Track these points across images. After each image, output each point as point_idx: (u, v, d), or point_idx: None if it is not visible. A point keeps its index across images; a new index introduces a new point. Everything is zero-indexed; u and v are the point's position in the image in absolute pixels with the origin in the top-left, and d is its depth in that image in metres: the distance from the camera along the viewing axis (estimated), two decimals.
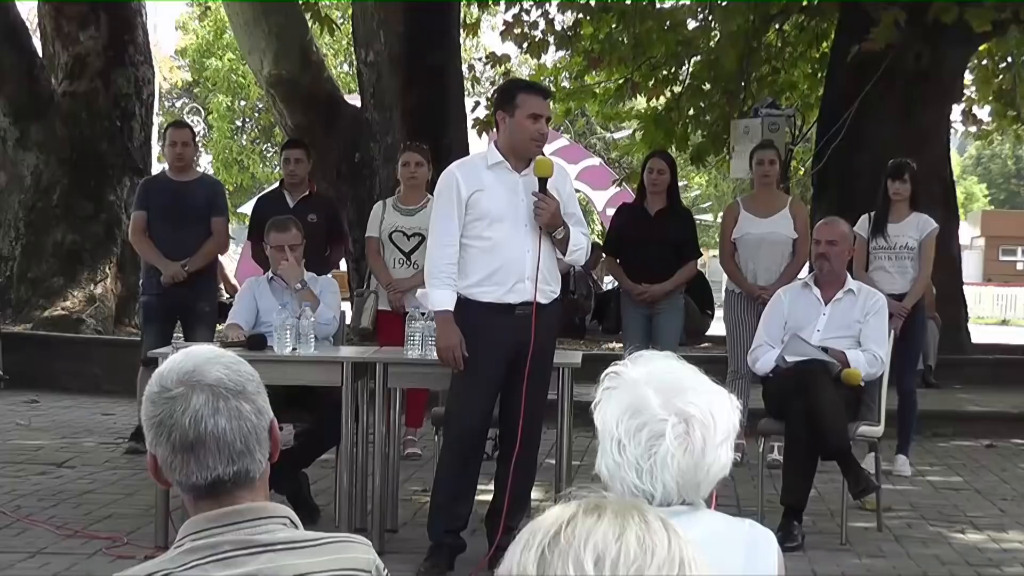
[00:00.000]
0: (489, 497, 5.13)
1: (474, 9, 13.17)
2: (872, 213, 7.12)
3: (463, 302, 4.84)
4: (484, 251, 4.81)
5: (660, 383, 1.85)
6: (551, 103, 5.01)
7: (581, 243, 4.91)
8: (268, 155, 31.56)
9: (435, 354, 4.94)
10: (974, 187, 51.60)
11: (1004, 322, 28.24)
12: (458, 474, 4.90)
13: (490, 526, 5.02)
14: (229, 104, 31.22)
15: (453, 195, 4.83)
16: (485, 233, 4.81)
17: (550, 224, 4.76)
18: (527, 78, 17.71)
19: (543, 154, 4.93)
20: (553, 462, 5.58)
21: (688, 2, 13.38)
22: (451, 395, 5.00)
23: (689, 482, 1.84)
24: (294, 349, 5.34)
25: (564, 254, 4.91)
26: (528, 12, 12.61)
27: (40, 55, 12.08)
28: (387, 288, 7.02)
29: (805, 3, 13.04)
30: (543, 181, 4.74)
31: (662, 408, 1.83)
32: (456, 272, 4.82)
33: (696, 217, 8.92)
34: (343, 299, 6.45)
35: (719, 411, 1.86)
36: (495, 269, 4.80)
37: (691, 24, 12.82)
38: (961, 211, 22.10)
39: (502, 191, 4.80)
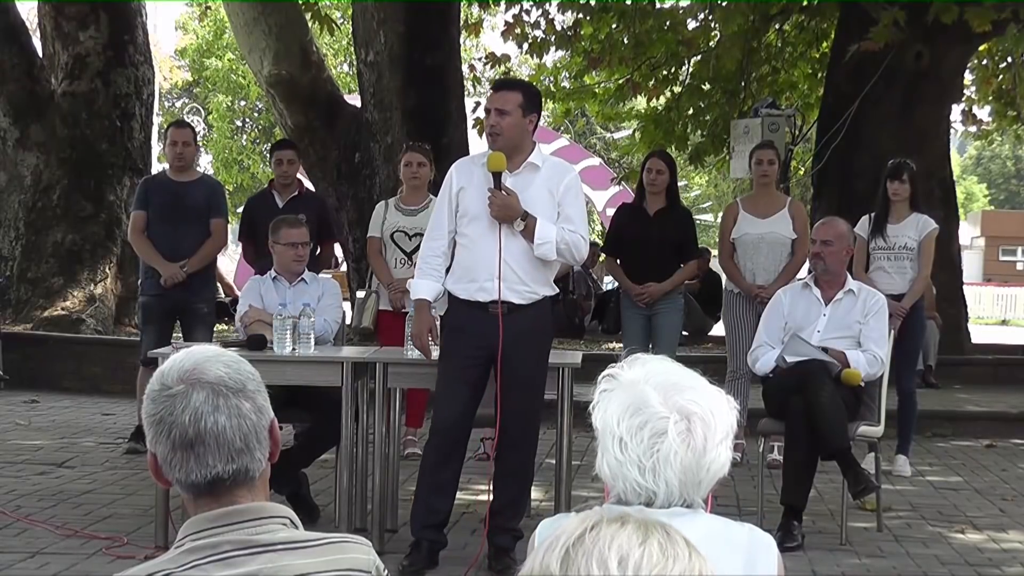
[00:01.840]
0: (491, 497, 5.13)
1: (474, 9, 13.17)
2: (872, 213, 7.12)
3: (450, 298, 4.93)
4: (464, 248, 4.89)
5: (659, 382, 1.86)
6: (516, 94, 4.80)
7: (548, 237, 4.76)
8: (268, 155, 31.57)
9: (436, 354, 4.99)
10: (974, 187, 51.63)
11: (1004, 322, 28.24)
12: (435, 468, 4.92)
13: (489, 526, 5.03)
14: (229, 104, 31.22)
15: (446, 190, 4.94)
16: (465, 230, 4.88)
17: (500, 217, 4.75)
18: (527, 78, 17.73)
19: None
20: (553, 462, 5.58)
21: (688, 2, 13.38)
22: (435, 390, 5.06)
23: (691, 480, 1.84)
24: (293, 349, 5.33)
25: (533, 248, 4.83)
26: (528, 12, 12.61)
27: (40, 55, 12.08)
28: (388, 287, 7.03)
29: (805, 3, 13.04)
30: (496, 175, 4.75)
31: (663, 406, 1.83)
32: (441, 264, 4.93)
33: (696, 217, 8.93)
34: (343, 299, 6.46)
35: (718, 410, 1.86)
36: (469, 266, 4.85)
37: (691, 24, 12.83)
38: (961, 211, 22.12)
39: (483, 189, 4.81)
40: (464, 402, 4.85)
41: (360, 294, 7.68)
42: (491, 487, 4.96)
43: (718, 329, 8.58)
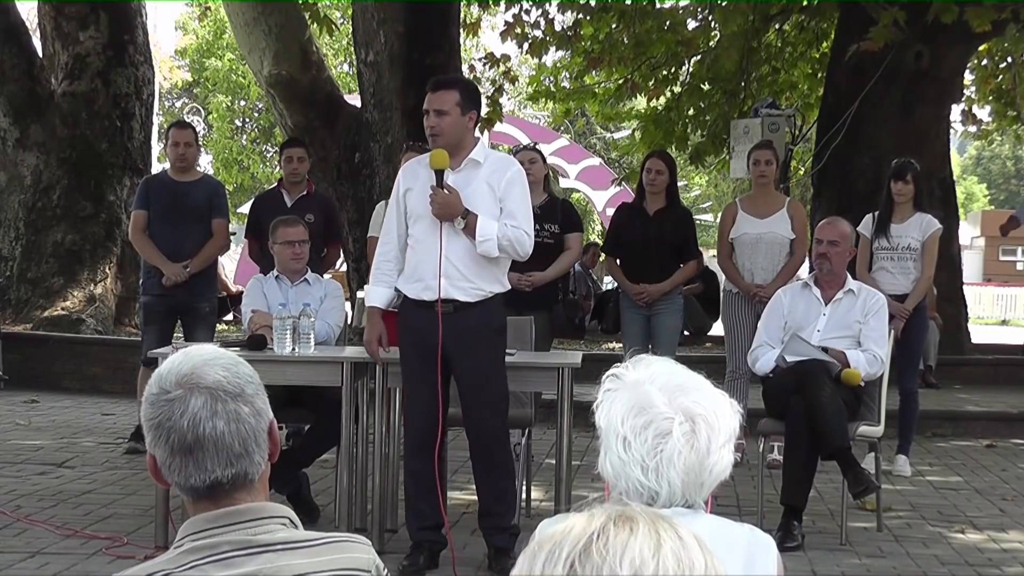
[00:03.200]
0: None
1: (474, 9, 13.17)
2: (876, 213, 7.12)
3: (403, 298, 4.97)
4: (411, 248, 4.92)
5: (664, 383, 1.86)
6: (453, 92, 4.80)
7: (489, 234, 4.77)
8: (268, 155, 31.55)
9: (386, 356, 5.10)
10: (974, 187, 51.60)
11: (1004, 322, 28.23)
12: (415, 471, 4.93)
13: (481, 525, 5.06)
14: (229, 104, 31.20)
15: (395, 194, 4.99)
16: (412, 230, 4.91)
17: (441, 215, 4.76)
18: (527, 78, 17.72)
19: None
20: (553, 462, 5.58)
21: (688, 2, 13.38)
22: (403, 391, 5.09)
23: (694, 481, 1.84)
24: (293, 350, 5.33)
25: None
26: (528, 12, 12.61)
27: (40, 55, 12.08)
28: None
29: (805, 3, 13.04)
30: (439, 173, 4.76)
31: (667, 406, 1.84)
32: (392, 269, 4.97)
33: (696, 217, 8.92)
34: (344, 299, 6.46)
35: (722, 413, 1.87)
36: (415, 266, 4.88)
37: (691, 24, 12.82)
38: (961, 211, 22.13)
39: (427, 189, 4.82)
40: (426, 401, 4.85)
41: (360, 294, 7.68)
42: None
43: (717, 329, 8.57)
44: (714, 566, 1.17)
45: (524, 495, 5.81)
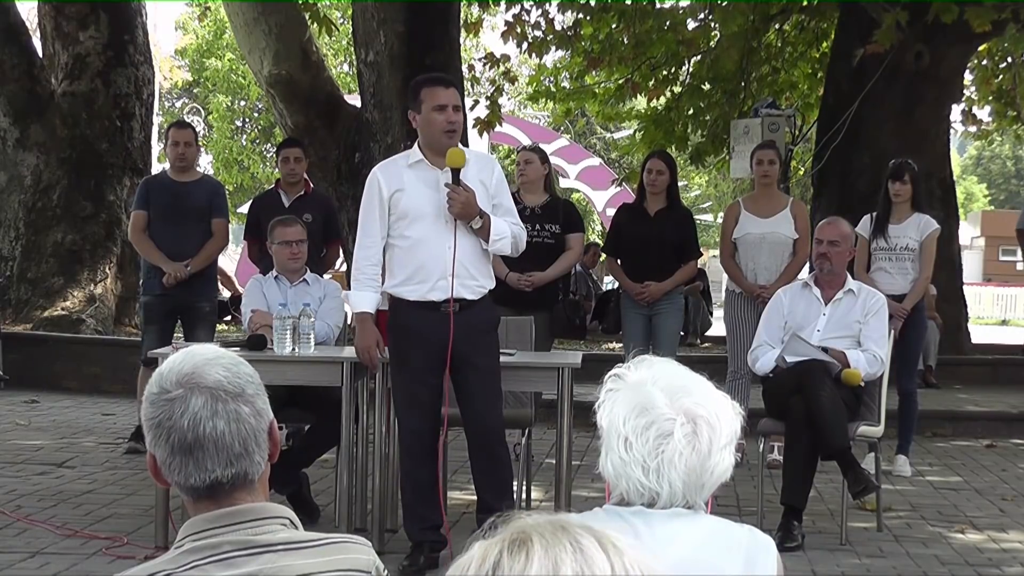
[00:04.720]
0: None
1: (474, 9, 13.16)
2: (874, 214, 7.13)
3: (394, 301, 4.93)
4: (406, 250, 4.87)
5: (666, 384, 1.86)
6: (460, 92, 4.85)
7: (504, 232, 4.82)
8: (268, 155, 31.52)
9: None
10: (974, 187, 51.62)
11: (1004, 322, 28.25)
12: (412, 472, 4.92)
13: (479, 523, 5.04)
14: (229, 104, 31.19)
15: (375, 197, 4.90)
16: (406, 232, 4.86)
17: (462, 215, 4.75)
18: (527, 78, 17.71)
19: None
20: (553, 462, 5.58)
21: (688, 2, 13.38)
22: (395, 395, 5.04)
23: (694, 482, 1.85)
24: (293, 350, 5.33)
25: (487, 244, 4.85)
26: (528, 12, 12.60)
27: (40, 55, 12.09)
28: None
29: (805, 3, 13.04)
30: (455, 172, 4.73)
31: (669, 408, 1.84)
32: (378, 273, 4.93)
33: (696, 217, 8.91)
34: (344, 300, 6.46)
35: (724, 414, 1.87)
36: (417, 268, 4.84)
37: (691, 24, 12.81)
38: (961, 211, 22.15)
39: (422, 189, 4.81)
40: (426, 403, 4.86)
41: None
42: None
43: (717, 329, 8.56)
44: (623, 565, 1.10)
45: (524, 495, 5.81)
